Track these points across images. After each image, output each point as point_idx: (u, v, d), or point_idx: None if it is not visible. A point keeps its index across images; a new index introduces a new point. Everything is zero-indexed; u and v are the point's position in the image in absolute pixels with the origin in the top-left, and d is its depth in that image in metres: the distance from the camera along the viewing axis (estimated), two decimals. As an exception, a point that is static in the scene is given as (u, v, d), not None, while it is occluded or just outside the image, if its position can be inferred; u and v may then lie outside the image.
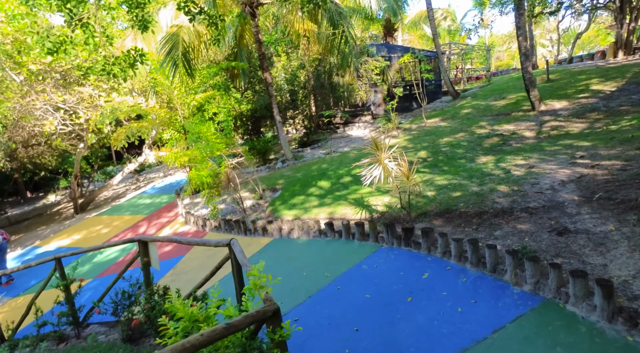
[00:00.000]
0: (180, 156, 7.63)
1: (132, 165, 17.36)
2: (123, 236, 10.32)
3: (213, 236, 7.96)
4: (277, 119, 12.53)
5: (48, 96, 12.18)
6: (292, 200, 8.31)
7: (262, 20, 15.40)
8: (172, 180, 16.87)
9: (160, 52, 8.92)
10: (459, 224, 5.05)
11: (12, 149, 17.38)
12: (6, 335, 5.71)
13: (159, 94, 12.39)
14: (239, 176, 12.43)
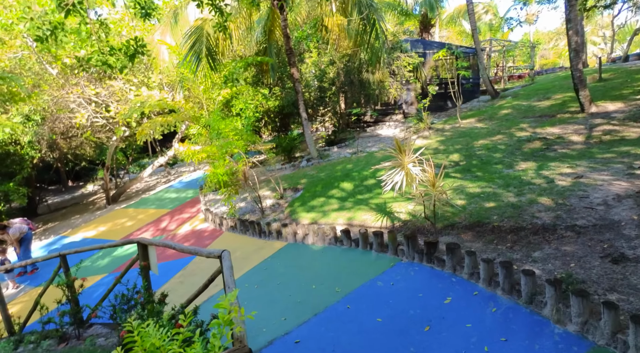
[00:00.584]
0: (196, 152, 7.41)
1: (163, 158, 17.59)
2: (145, 230, 10.33)
3: (229, 236, 7.70)
4: (303, 116, 12.16)
5: (81, 89, 12.44)
6: (312, 201, 7.91)
7: (292, 16, 15.05)
8: (200, 175, 16.95)
9: (183, 45, 8.77)
10: (490, 240, 4.44)
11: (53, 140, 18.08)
12: (16, 328, 5.69)
13: (186, 89, 12.35)
14: (263, 174, 12.19)
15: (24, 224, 8.67)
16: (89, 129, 13.79)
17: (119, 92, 12.02)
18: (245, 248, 6.62)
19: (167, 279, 6.07)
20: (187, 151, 7.38)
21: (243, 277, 5.39)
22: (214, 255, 3.08)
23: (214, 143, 7.82)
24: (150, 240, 4.18)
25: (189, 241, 8.11)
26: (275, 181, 9.87)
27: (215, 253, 3.08)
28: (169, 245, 3.78)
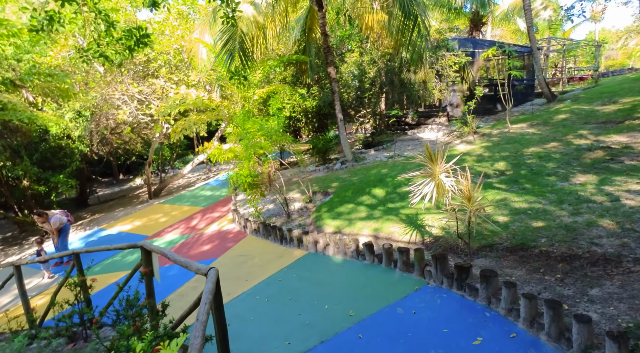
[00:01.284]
0: (222, 152, 7.22)
1: (202, 156, 17.89)
2: (176, 227, 10.38)
3: (251, 240, 7.44)
4: (338, 117, 11.72)
5: (125, 87, 12.85)
6: (340, 207, 7.45)
7: (334, 15, 14.66)
8: (236, 174, 17.03)
9: (217, 43, 8.66)
10: (536, 269, 3.75)
11: (104, 135, 19.00)
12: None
13: (223, 88, 12.35)
14: (296, 175, 11.90)
15: (63, 216, 8.95)
16: (129, 125, 14.22)
17: (159, 90, 12.26)
18: (264, 254, 6.31)
19: (182, 283, 5.88)
20: (214, 150, 7.21)
21: (256, 287, 5.05)
22: (201, 271, 2.73)
23: (240, 143, 7.60)
24: (152, 247, 3.94)
25: (212, 242, 7.96)
26: (304, 183, 9.53)
27: (202, 270, 2.73)
28: (164, 253, 3.50)
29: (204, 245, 7.89)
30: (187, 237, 9.08)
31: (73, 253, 5.01)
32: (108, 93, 13.03)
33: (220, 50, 8.51)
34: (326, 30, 11.08)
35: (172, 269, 6.87)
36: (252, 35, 9.03)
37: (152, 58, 12.82)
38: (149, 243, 4.04)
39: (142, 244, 4.10)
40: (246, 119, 7.53)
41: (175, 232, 9.93)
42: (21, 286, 5.80)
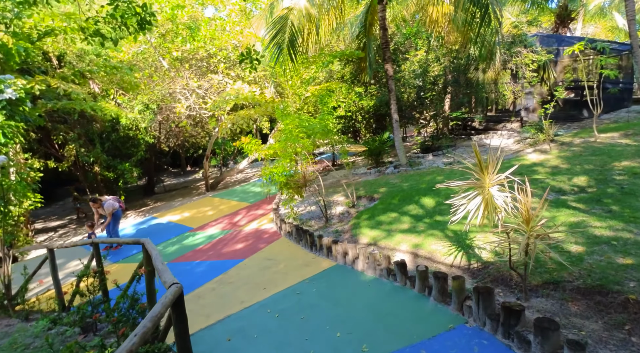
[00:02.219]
0: (256, 147, 6.88)
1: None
2: (220, 222, 10.36)
3: (283, 243, 7.00)
4: (393, 117, 10.90)
5: (185, 81, 13.24)
6: (382, 216, 6.74)
7: (398, 10, 13.80)
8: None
9: (266, 35, 8.38)
10: (619, 323, 2.78)
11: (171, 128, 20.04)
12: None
13: (277, 84, 12.16)
14: (346, 177, 11.31)
15: (115, 202, 9.31)
16: (190, 119, 14.67)
17: (215, 85, 12.43)
18: (291, 260, 5.83)
19: (203, 282, 5.61)
20: (250, 145, 6.90)
21: (271, 298, 4.58)
22: (166, 284, 2.28)
23: (281, 139, 7.21)
24: (149, 246, 3.63)
25: (247, 241, 7.68)
26: (348, 187, 8.91)
27: (167, 282, 2.28)
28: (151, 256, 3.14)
29: (237, 244, 7.65)
30: (226, 233, 8.95)
31: (92, 243, 4.94)
32: (171, 87, 13.53)
33: (269, 42, 8.22)
34: (385, 24, 10.34)
35: (201, 265, 6.68)
36: (303, 28, 8.63)
37: (213, 53, 13.06)
38: (148, 241, 3.74)
39: (144, 241, 3.82)
40: (285, 114, 7.12)
41: (217, 226, 9.89)
42: (54, 268, 5.94)
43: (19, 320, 5.71)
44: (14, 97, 5.38)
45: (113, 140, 15.71)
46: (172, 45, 12.38)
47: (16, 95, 5.39)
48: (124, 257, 8.80)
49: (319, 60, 9.87)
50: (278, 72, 10.36)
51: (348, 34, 13.73)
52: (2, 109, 5.32)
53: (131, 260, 8.31)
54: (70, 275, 8.03)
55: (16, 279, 6.60)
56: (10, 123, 5.16)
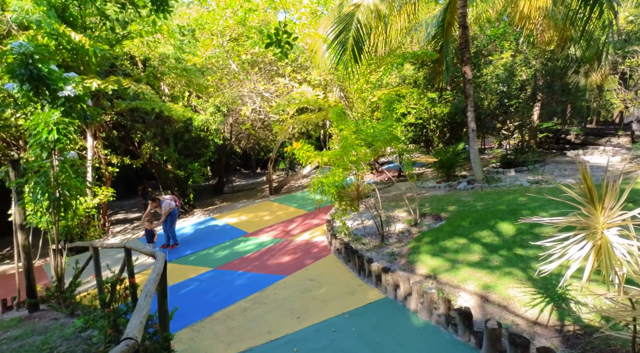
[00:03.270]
0: (307, 153, 6.28)
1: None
2: (273, 229, 10.01)
3: (331, 261, 6.31)
4: (469, 126, 9.66)
5: (253, 84, 13.27)
6: (447, 240, 5.73)
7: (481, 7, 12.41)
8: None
9: (329, 33, 7.81)
10: None
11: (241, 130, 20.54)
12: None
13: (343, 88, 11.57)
14: (411, 190, 10.29)
15: (172, 202, 9.40)
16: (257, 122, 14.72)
17: (280, 88, 12.24)
18: (335, 284, 5.11)
19: (238, 299, 5.14)
20: (301, 152, 6.34)
21: (302, 332, 3.91)
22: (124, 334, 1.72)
23: (339, 147, 6.55)
24: (160, 265, 3.18)
25: (294, 255, 7.14)
26: (411, 202, 7.96)
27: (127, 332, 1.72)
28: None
29: (284, 256, 7.14)
30: (277, 242, 8.52)
31: (124, 247, 4.73)
32: (239, 90, 13.68)
33: (332, 41, 7.65)
34: (466, 21, 9.20)
35: (242, 277, 6.27)
36: (371, 26, 7.90)
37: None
38: (161, 258, 3.30)
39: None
40: (340, 118, 6.44)
41: (270, 233, 9.54)
42: (97, 266, 5.93)
43: (65, 315, 5.78)
44: (72, 94, 5.45)
45: (186, 140, 16.41)
46: (242, 48, 12.46)
47: (75, 92, 5.46)
48: (177, 256, 8.81)
49: (387, 62, 9.06)
50: (342, 75, 9.76)
51: (423, 35, 12.68)
52: (60, 106, 5.42)
53: (183, 262, 8.25)
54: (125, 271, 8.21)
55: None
56: (64, 120, 5.19)
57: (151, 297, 2.29)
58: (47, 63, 5.41)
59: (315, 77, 11.58)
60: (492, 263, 4.60)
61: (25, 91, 5.28)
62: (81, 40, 7.75)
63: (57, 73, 5.60)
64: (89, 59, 8.35)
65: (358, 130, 6.35)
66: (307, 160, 6.36)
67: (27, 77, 5.23)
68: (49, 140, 5.16)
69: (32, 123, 5.12)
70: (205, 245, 9.34)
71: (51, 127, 5.15)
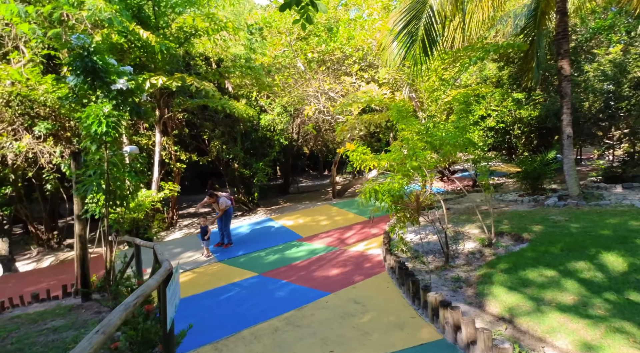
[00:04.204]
0: (365, 157, 5.53)
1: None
2: (330, 235, 9.41)
3: (382, 281, 5.48)
4: (565, 132, 8.11)
5: (318, 83, 12.83)
6: (530, 271, 4.61)
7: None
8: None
9: (397, 23, 6.96)
10: None
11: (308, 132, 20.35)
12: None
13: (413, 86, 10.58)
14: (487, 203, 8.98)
15: (229, 200, 9.25)
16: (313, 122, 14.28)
17: (345, 87, 11.62)
18: (382, 312, 4.31)
19: (271, 316, 4.59)
20: (356, 154, 5.62)
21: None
22: None
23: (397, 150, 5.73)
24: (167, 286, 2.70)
25: (343, 268, 6.44)
26: (486, 217, 6.80)
27: None
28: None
29: (333, 269, 6.47)
30: (329, 251, 7.90)
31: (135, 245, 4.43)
32: (305, 89, 13.35)
33: (399, 32, 6.81)
34: (565, 6, 7.73)
35: (284, 289, 5.74)
36: (446, 15, 6.88)
37: (349, 54, 12.30)
38: (167, 269, 2.83)
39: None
40: (401, 117, 5.58)
41: (325, 240, 8.95)
42: (138, 264, 5.81)
43: (108, 309, 5.77)
44: (124, 88, 5.39)
45: (252, 139, 16.59)
46: (308, 46, 12.09)
47: (127, 85, 5.40)
48: (229, 256, 8.62)
49: (464, 55, 7.94)
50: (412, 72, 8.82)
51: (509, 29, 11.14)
52: (112, 99, 5.39)
53: (233, 263, 8.01)
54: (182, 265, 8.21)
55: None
56: (114, 112, 5.11)
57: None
58: (102, 55, 5.41)
59: (383, 74, 10.74)
60: (593, 310, 3.46)
61: (81, 84, 5.33)
62: (148, 37, 7.89)
63: (113, 66, 5.59)
64: (157, 56, 8.53)
65: (423, 131, 5.45)
66: (362, 164, 5.62)
67: (82, 69, 5.27)
68: (98, 133, 5.12)
69: (83, 115, 5.12)
70: (257, 247, 9.05)
71: (101, 120, 5.11)
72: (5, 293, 7.30)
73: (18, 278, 8.34)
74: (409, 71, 10.09)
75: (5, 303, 6.41)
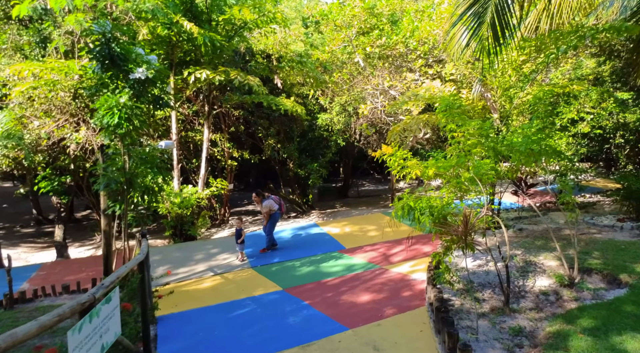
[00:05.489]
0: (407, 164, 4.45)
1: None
2: (375, 248, 8.40)
3: (417, 319, 4.37)
4: (690, 142, 6.13)
5: (377, 80, 11.79)
6: (630, 338, 3.22)
7: None
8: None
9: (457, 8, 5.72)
10: None
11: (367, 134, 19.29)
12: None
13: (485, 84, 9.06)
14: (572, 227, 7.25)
15: (275, 203, 8.61)
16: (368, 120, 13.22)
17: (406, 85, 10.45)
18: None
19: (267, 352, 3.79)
20: (394, 159, 4.58)
21: None
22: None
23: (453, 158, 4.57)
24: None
25: (377, 294, 5.43)
26: (567, 246, 5.31)
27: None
28: None
29: (364, 294, 5.49)
30: (368, 269, 6.92)
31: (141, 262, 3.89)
32: (362, 87, 12.41)
33: (462, 14, 5.57)
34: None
35: (300, 313, 4.91)
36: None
37: (413, 48, 11.08)
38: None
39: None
40: (449, 112, 4.40)
41: (367, 255, 7.98)
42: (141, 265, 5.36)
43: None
44: (143, 77, 5.00)
45: (309, 139, 16.04)
46: (368, 40, 11.11)
47: (146, 74, 5.00)
48: (263, 263, 8.04)
49: (550, 43, 6.38)
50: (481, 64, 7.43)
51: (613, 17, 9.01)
52: (130, 88, 5.02)
53: (264, 271, 7.41)
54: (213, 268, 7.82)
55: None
56: (127, 103, 4.71)
57: None
58: (122, 43, 5.07)
59: (450, 70, 9.38)
60: None
61: (99, 72, 5.05)
62: (191, 28, 7.60)
63: (140, 55, 5.24)
64: (201, 49, 8.25)
65: (484, 133, 4.24)
66: (402, 171, 4.57)
67: (102, 56, 4.99)
68: (110, 125, 4.78)
69: (97, 105, 4.82)
70: (294, 255, 8.37)
71: (114, 111, 4.75)
72: (48, 280, 7.49)
73: (64, 265, 8.63)
74: (479, 65, 8.64)
75: (39, 291, 6.47)
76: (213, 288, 6.60)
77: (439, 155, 4.32)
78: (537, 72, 7.11)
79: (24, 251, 12.49)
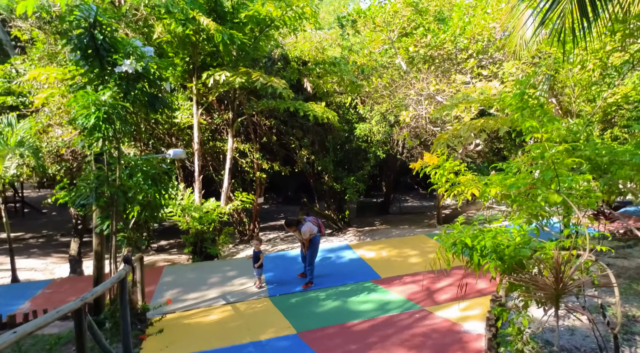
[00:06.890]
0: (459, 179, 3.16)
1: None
2: (415, 281, 6.94)
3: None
4: None
5: (421, 84, 10.46)
6: None
7: None
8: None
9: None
10: None
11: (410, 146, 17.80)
12: None
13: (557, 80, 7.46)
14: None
15: (314, 226, 7.34)
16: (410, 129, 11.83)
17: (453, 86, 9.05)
18: None
19: None
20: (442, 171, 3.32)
21: None
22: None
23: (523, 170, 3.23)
24: None
25: (418, 350, 4.08)
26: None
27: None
28: None
29: (398, 349, 4.17)
30: (406, 310, 5.59)
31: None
32: (405, 92, 11.12)
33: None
34: None
35: None
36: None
37: (463, 47, 9.66)
38: None
39: None
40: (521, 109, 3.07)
41: (406, 288, 6.62)
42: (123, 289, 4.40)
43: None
44: (131, 70, 4.14)
45: (346, 151, 14.91)
46: (411, 39, 9.87)
47: (133, 68, 4.14)
48: (283, 292, 6.95)
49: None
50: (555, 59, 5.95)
51: None
52: (116, 84, 4.18)
53: (281, 303, 6.30)
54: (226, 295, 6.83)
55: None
56: (107, 101, 3.86)
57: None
58: (109, 30, 4.26)
59: (509, 68, 7.87)
60: None
61: (79, 64, 4.26)
62: (208, 24, 6.82)
63: (137, 48, 4.41)
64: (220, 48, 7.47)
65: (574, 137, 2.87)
66: (452, 189, 3.29)
67: (84, 46, 4.20)
68: (86, 127, 3.93)
69: (72, 102, 4.00)
70: (320, 284, 7.19)
71: (90, 110, 3.90)
72: (51, 300, 6.86)
73: (73, 283, 8.04)
74: (547, 63, 7.10)
75: (30, 316, 5.78)
76: (219, 322, 5.57)
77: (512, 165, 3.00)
78: (633, 63, 5.47)
79: (53, 261, 12.30)
